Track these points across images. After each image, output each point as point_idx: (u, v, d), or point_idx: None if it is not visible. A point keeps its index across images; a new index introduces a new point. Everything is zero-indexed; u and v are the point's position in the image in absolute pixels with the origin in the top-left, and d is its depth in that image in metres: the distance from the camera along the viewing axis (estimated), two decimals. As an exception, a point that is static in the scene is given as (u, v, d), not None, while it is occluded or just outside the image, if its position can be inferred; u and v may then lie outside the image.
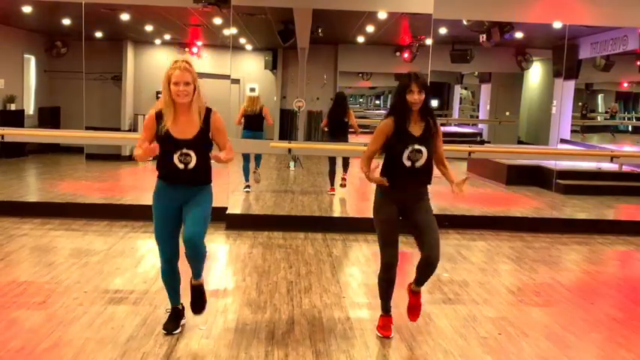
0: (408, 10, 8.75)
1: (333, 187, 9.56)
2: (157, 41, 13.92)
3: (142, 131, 4.19)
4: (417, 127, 4.22)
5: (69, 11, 10.18)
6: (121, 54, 13.61)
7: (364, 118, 16.00)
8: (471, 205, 8.76)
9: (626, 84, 14.64)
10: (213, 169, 4.25)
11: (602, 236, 7.82)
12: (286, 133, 13.43)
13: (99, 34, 12.62)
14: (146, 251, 6.43)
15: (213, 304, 4.69)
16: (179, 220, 4.18)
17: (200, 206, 4.15)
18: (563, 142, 11.82)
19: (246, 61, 14.33)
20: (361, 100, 18.08)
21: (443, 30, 10.38)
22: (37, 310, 4.56)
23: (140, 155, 4.03)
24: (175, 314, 4.37)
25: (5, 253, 6.11)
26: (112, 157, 12.29)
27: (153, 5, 9.04)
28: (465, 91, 17.34)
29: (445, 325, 4.59)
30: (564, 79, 11.85)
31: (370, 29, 11.36)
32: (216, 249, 6.58)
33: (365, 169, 4.27)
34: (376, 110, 17.75)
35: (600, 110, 15.46)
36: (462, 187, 4.23)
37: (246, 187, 9.48)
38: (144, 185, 10.05)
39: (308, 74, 12.69)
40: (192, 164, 4.04)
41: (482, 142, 14.36)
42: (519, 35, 10.93)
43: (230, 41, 9.11)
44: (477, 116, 16.24)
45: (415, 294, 4.48)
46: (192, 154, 4.03)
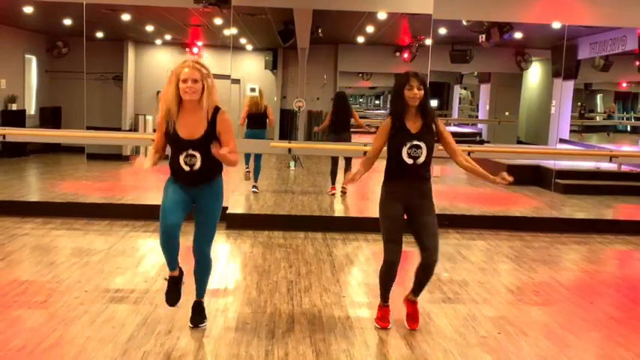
0: (407, 11, 8.77)
1: (334, 186, 9.57)
2: (158, 41, 13.95)
3: (157, 130, 4.19)
4: (414, 125, 4.27)
5: (70, 11, 10.20)
6: (122, 54, 13.64)
7: (364, 117, 16.03)
8: (471, 205, 8.78)
9: (625, 84, 14.66)
10: None
11: (601, 236, 7.83)
12: (286, 132, 13.46)
13: (100, 34, 12.65)
14: (147, 250, 6.45)
15: (213, 303, 4.71)
16: (187, 205, 4.12)
17: (210, 218, 4.18)
18: (562, 141, 11.84)
19: (247, 61, 14.36)
20: (361, 100, 18.12)
21: (442, 30, 10.41)
22: (39, 310, 4.57)
23: (150, 166, 4.07)
24: (175, 281, 4.29)
25: (6, 252, 6.12)
26: (113, 156, 12.31)
27: (153, 6, 9.07)
28: (465, 91, 17.38)
29: (445, 325, 4.60)
30: (563, 79, 11.87)
31: (370, 29, 11.39)
32: (217, 248, 6.58)
33: (362, 171, 4.35)
34: (376, 110, 17.79)
35: (599, 110, 15.49)
36: (503, 177, 4.29)
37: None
38: (144, 185, 10.09)
39: (308, 74, 12.73)
40: (197, 166, 4.03)
41: (481, 142, 14.39)
42: (519, 35, 10.96)
43: (230, 41, 9.14)
44: (476, 116, 16.28)
45: (413, 303, 4.54)
46: (198, 155, 4.01)
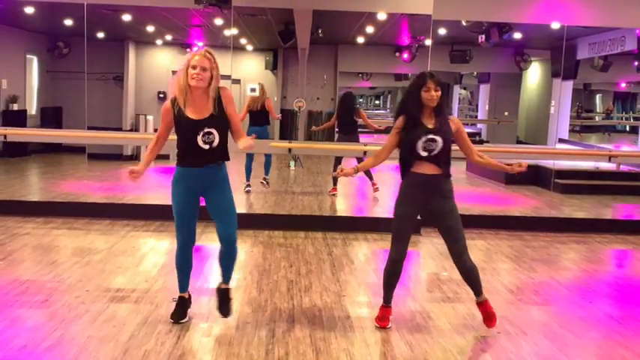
0: (407, 11, 8.78)
1: (335, 187, 9.59)
2: (159, 42, 13.96)
3: (160, 124, 4.28)
4: (430, 121, 4.32)
5: (71, 12, 10.22)
6: (123, 54, 13.66)
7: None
8: (471, 205, 8.79)
9: (624, 84, 14.67)
10: None
11: (600, 235, 7.83)
12: (287, 132, 13.47)
13: (101, 34, 12.67)
14: (147, 250, 6.47)
15: (214, 302, 4.72)
16: (197, 208, 4.29)
17: (228, 203, 4.30)
18: (561, 141, 11.85)
19: (247, 62, 14.37)
20: (361, 100, 18.12)
21: (442, 30, 10.43)
22: (40, 309, 4.58)
23: (137, 174, 4.23)
24: (183, 303, 4.46)
25: (8, 252, 6.13)
26: (113, 156, 12.33)
27: (154, 6, 9.08)
28: (464, 91, 17.39)
29: (444, 324, 4.61)
30: (562, 79, 11.89)
31: (370, 30, 11.40)
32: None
33: (362, 166, 4.56)
34: (376, 110, 17.80)
35: (598, 110, 15.50)
36: (520, 164, 4.37)
37: (247, 186, 9.48)
38: (145, 185, 10.10)
39: (308, 74, 12.75)
40: (215, 142, 4.14)
41: (481, 142, 14.41)
42: (518, 36, 10.97)
43: (231, 42, 9.16)
44: (476, 116, 16.29)
45: (482, 304, 4.54)
46: (215, 132, 4.12)
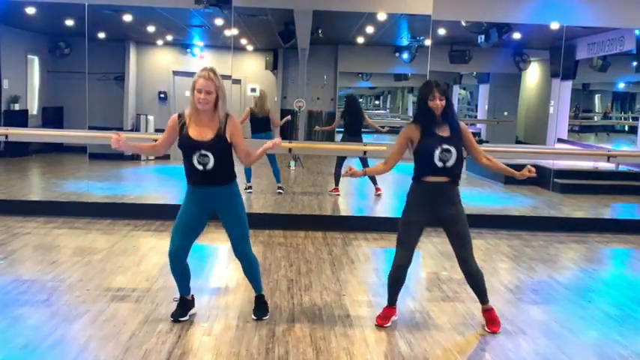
0: (407, 11, 8.79)
1: (336, 188, 9.63)
2: (159, 42, 13.96)
3: (166, 130, 4.37)
4: (443, 130, 4.38)
5: (72, 12, 10.21)
6: (124, 54, 13.65)
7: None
8: (470, 204, 8.79)
9: (623, 84, 14.67)
10: None
11: (599, 235, 7.85)
12: (287, 132, 13.47)
13: (102, 34, 12.67)
14: (148, 250, 6.48)
15: (214, 301, 4.75)
16: (199, 227, 4.40)
17: (238, 220, 4.43)
18: (560, 141, 11.86)
19: (248, 62, 14.37)
20: (361, 100, 18.14)
21: (442, 31, 10.43)
22: (41, 308, 4.60)
23: (119, 142, 4.21)
24: (183, 303, 4.52)
25: (9, 251, 6.15)
26: (114, 156, 12.30)
27: (155, 6, 9.10)
28: (464, 92, 17.39)
29: (444, 323, 4.63)
30: (561, 79, 11.90)
31: (370, 30, 11.41)
32: (218, 247, 6.63)
33: (370, 170, 4.76)
34: (376, 110, 17.81)
35: (597, 110, 15.51)
36: (530, 170, 4.47)
37: (248, 187, 9.50)
38: (146, 184, 10.13)
39: (308, 74, 12.75)
40: (210, 165, 4.20)
41: (480, 142, 14.39)
42: (517, 36, 10.97)
43: (231, 42, 9.17)
44: (475, 116, 16.29)
45: (487, 311, 4.59)
46: (210, 155, 4.19)
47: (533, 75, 14.69)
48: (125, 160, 12.69)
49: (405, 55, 13.06)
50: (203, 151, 4.18)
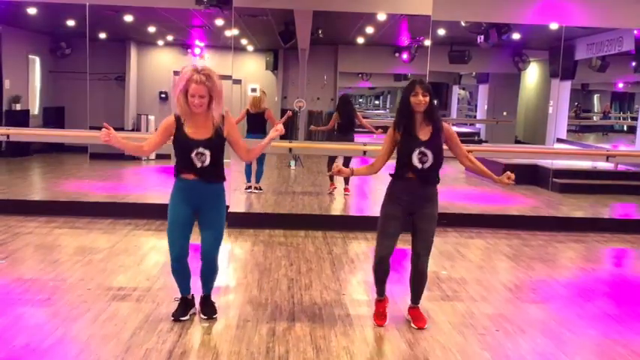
0: (406, 12, 8.79)
1: (333, 183, 9.66)
2: (160, 42, 13.97)
3: (158, 132, 4.38)
4: (423, 131, 4.38)
5: (73, 12, 10.23)
6: (125, 55, 13.67)
7: (364, 117, 16.06)
8: (470, 204, 8.83)
9: (622, 84, 14.69)
10: None
11: (597, 234, 7.87)
12: (287, 132, 13.48)
13: (102, 35, 12.68)
14: (149, 249, 6.49)
15: (215, 301, 4.76)
16: (192, 223, 4.42)
17: (217, 222, 4.43)
18: (559, 141, 11.88)
19: (248, 62, 14.38)
20: (361, 101, 18.17)
21: (441, 31, 10.44)
22: (42, 307, 4.62)
23: (109, 135, 4.24)
24: (184, 303, 4.55)
25: (10, 250, 6.16)
26: (115, 156, 12.27)
27: (155, 7, 9.11)
28: (463, 92, 17.41)
29: (443, 322, 4.64)
30: (561, 79, 11.93)
31: (370, 30, 11.40)
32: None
33: (358, 170, 4.68)
34: (375, 110, 17.83)
35: (596, 110, 15.54)
36: (509, 177, 4.55)
37: (248, 187, 9.51)
38: (147, 184, 10.14)
39: (308, 75, 12.75)
40: (207, 162, 4.26)
41: (480, 142, 14.44)
42: (516, 36, 10.97)
43: (232, 42, 9.19)
44: (475, 116, 16.32)
45: (414, 309, 4.63)
46: (207, 153, 4.25)
47: (532, 75, 14.70)
48: (126, 160, 12.68)
49: (405, 56, 13.06)
50: (201, 149, 4.24)
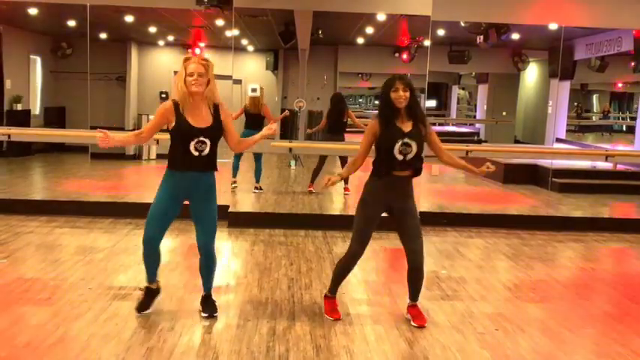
0: (406, 12, 8.81)
1: (311, 184, 9.66)
2: (161, 42, 14.01)
3: (154, 118, 4.37)
4: (405, 124, 4.38)
5: (74, 13, 10.25)
6: (125, 55, 13.71)
7: (364, 117, 16.06)
8: (469, 204, 8.85)
9: (621, 84, 14.71)
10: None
11: (597, 234, 7.89)
12: (287, 132, 13.51)
13: (103, 35, 12.72)
14: (149, 249, 6.51)
15: (215, 300, 4.77)
16: (175, 214, 4.42)
17: (210, 213, 4.42)
18: (558, 141, 11.90)
19: (248, 62, 14.42)
20: (361, 101, 18.17)
21: (441, 31, 10.47)
22: (43, 307, 4.62)
23: (106, 141, 4.23)
24: (150, 292, 4.60)
25: (11, 250, 6.18)
26: (116, 156, 12.38)
27: (156, 7, 9.13)
28: (463, 92, 17.43)
29: (443, 321, 4.65)
30: (560, 79, 11.96)
31: (369, 31, 11.44)
32: (219, 246, 6.58)
33: (345, 173, 4.66)
34: (375, 110, 17.84)
35: (595, 110, 15.56)
36: (488, 166, 4.48)
37: (234, 182, 9.51)
38: (147, 183, 10.14)
39: (308, 75, 12.78)
40: (206, 151, 4.28)
41: (479, 142, 14.48)
42: (516, 36, 11.00)
43: (232, 42, 9.22)
44: (474, 116, 16.34)
45: (413, 307, 4.63)
46: (207, 142, 4.27)
47: (531, 75, 14.73)
48: (127, 160, 12.73)
49: (405, 56, 13.08)
50: (202, 138, 4.26)
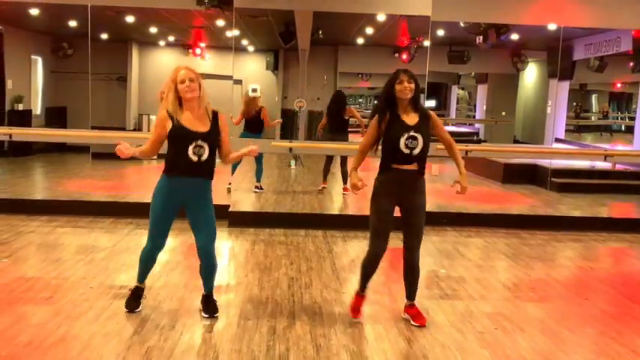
0: (406, 13, 8.81)
1: (325, 182, 9.69)
2: (161, 43, 14.04)
3: (154, 130, 4.40)
4: (410, 117, 4.36)
5: (75, 13, 10.26)
6: (126, 55, 13.74)
7: (363, 117, 16.08)
8: (468, 203, 8.86)
9: (619, 84, 14.72)
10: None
11: (595, 233, 7.92)
12: (287, 132, 13.53)
13: (104, 35, 12.75)
14: (150, 248, 6.53)
15: (216, 299, 4.79)
16: (174, 217, 4.43)
17: (208, 219, 4.42)
18: (557, 141, 11.92)
19: (249, 62, 14.44)
20: (360, 101, 18.20)
21: (440, 32, 10.48)
22: (44, 306, 4.64)
23: (126, 152, 4.35)
24: (137, 293, 4.64)
25: (13, 249, 6.20)
26: (117, 156, 12.35)
27: (157, 7, 9.15)
28: (462, 92, 17.45)
29: (442, 320, 4.67)
30: (559, 79, 11.97)
31: (369, 31, 11.45)
32: (219, 246, 6.58)
33: (355, 164, 4.49)
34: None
35: (594, 110, 15.58)
36: (463, 184, 4.48)
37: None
38: (148, 183, 10.12)
39: (308, 75, 12.80)
40: (205, 156, 4.27)
41: (479, 142, 14.49)
42: (515, 37, 11.01)
43: (232, 43, 9.24)
44: (474, 116, 16.35)
45: (411, 307, 4.63)
46: (206, 146, 4.26)
47: (531, 75, 14.74)
48: (127, 160, 12.66)
49: (405, 56, 13.11)
50: (200, 142, 4.24)
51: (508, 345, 4.25)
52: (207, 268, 4.55)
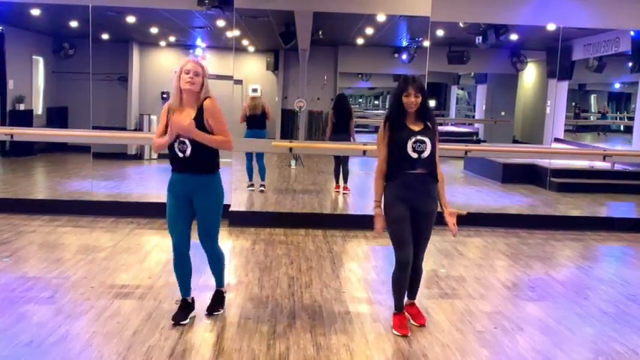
0: (406, 13, 8.80)
1: (338, 185, 9.72)
2: (162, 43, 14.02)
3: (160, 124, 4.40)
4: (416, 125, 4.34)
5: (76, 14, 10.26)
6: (127, 55, 13.71)
7: (364, 117, 16.15)
8: (468, 203, 8.88)
9: (618, 85, 14.72)
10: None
11: (594, 233, 7.93)
12: (287, 132, 13.53)
13: (105, 35, 12.71)
14: (151, 247, 6.54)
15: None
16: (190, 212, 4.39)
17: (206, 214, 4.40)
18: (557, 141, 11.92)
19: (249, 63, 14.42)
20: (360, 101, 18.22)
21: (440, 32, 10.46)
22: (45, 305, 4.65)
23: (158, 144, 4.31)
24: (185, 306, 4.52)
25: (14, 249, 6.21)
26: (118, 155, 12.43)
27: (158, 8, 9.15)
28: (462, 92, 17.44)
29: (442, 320, 4.68)
30: (558, 79, 11.97)
31: (369, 31, 11.43)
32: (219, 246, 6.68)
33: (377, 196, 4.40)
34: (375, 110, 17.88)
35: (593, 110, 15.57)
36: (452, 218, 4.36)
37: (250, 186, 9.59)
38: (149, 183, 10.17)
39: (309, 75, 12.78)
40: (188, 152, 4.23)
41: (478, 142, 14.48)
42: (514, 37, 10.99)
43: (233, 43, 9.23)
44: (473, 116, 16.35)
45: (412, 306, 4.64)
46: (187, 142, 4.21)
47: (530, 75, 14.72)
48: (128, 159, 12.76)
49: (404, 56, 13.10)
50: (181, 138, 4.21)
51: (507, 344, 4.26)
52: (210, 262, 4.60)
